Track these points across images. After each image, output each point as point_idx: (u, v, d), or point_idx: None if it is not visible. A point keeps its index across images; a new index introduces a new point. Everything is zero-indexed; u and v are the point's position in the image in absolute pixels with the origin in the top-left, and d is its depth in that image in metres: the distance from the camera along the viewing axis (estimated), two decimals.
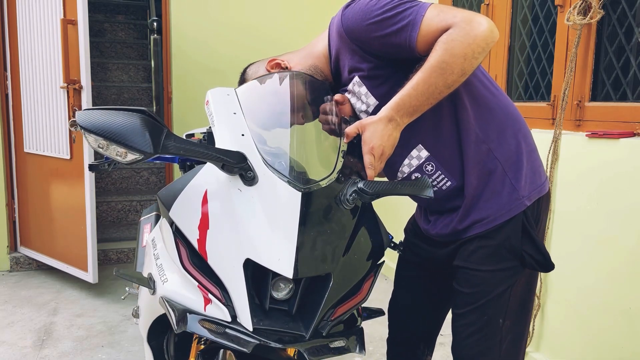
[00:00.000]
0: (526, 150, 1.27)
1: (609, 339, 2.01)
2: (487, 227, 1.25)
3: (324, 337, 1.00)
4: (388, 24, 1.13)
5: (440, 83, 1.11)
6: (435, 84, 1.11)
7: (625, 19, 2.06)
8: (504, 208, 1.24)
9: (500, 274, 1.27)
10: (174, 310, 1.00)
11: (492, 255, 1.26)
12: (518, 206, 1.24)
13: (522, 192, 1.25)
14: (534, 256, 1.26)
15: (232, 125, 1.11)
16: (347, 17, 1.19)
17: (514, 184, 1.25)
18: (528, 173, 1.27)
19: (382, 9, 1.14)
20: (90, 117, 0.90)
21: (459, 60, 1.10)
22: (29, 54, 3.30)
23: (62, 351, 2.53)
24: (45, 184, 3.37)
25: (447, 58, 1.09)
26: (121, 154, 0.92)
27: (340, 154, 1.15)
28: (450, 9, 1.14)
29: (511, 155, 1.25)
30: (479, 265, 1.27)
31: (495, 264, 1.26)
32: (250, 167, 1.02)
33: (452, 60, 1.09)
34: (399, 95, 1.14)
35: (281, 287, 1.01)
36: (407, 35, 1.12)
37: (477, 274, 1.27)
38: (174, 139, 0.95)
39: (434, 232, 1.36)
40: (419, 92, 1.12)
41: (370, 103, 1.25)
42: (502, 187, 1.25)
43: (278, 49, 3.94)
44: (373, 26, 1.15)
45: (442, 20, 1.11)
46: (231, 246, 0.98)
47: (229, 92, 1.20)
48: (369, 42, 1.18)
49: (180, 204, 1.05)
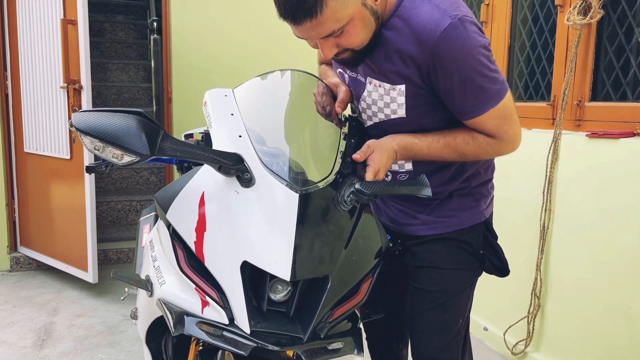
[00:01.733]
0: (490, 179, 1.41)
1: (608, 339, 2.01)
2: (451, 230, 1.33)
3: (321, 339, 1.00)
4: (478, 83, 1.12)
5: (446, 157, 1.23)
6: (445, 157, 1.23)
7: (625, 19, 2.05)
8: (467, 215, 1.34)
9: (462, 273, 1.35)
10: (172, 313, 1.00)
11: (456, 255, 1.33)
12: (479, 216, 1.35)
13: (482, 205, 1.36)
14: (494, 262, 1.36)
15: (230, 126, 1.11)
16: (448, 40, 1.08)
17: (479, 199, 1.36)
18: (488, 196, 1.41)
19: (486, 67, 1.12)
20: (86, 119, 0.90)
21: (474, 158, 1.25)
22: (29, 54, 3.29)
23: (62, 351, 2.53)
24: (45, 184, 3.37)
25: (470, 155, 1.22)
26: (117, 156, 0.91)
27: (339, 155, 1.15)
28: (510, 115, 1.19)
29: (481, 182, 1.37)
30: (443, 264, 1.33)
31: (458, 264, 1.34)
32: (247, 168, 1.01)
33: (472, 157, 1.24)
34: (412, 139, 1.21)
35: (279, 289, 1.00)
36: (471, 107, 1.16)
37: (441, 272, 1.33)
38: (170, 141, 0.94)
39: (401, 221, 1.39)
40: (429, 152, 1.21)
41: (398, 112, 1.22)
42: (467, 200, 1.35)
43: (278, 48, 3.97)
44: (466, 72, 1.11)
45: (496, 126, 1.18)
46: (228, 248, 0.98)
47: (226, 93, 1.20)
48: (446, 76, 1.12)
49: (177, 206, 1.05)
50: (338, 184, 1.08)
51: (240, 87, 1.25)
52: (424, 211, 1.34)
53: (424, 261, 1.35)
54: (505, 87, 1.16)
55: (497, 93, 1.14)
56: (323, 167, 1.11)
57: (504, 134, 1.19)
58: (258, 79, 1.28)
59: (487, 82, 1.12)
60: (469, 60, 1.09)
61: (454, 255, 1.34)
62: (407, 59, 1.14)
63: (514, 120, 1.20)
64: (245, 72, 3.82)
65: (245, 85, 1.26)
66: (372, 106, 1.26)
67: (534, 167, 2.30)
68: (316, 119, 1.27)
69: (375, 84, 1.22)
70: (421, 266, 1.35)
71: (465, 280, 1.36)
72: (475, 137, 1.20)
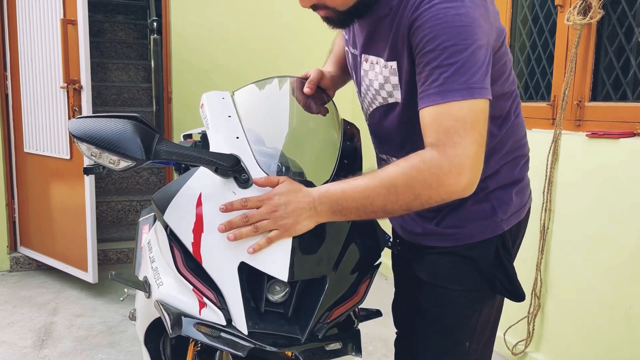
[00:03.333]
0: (515, 182, 1.19)
1: (608, 339, 2.00)
2: (457, 244, 1.17)
3: (320, 339, 0.99)
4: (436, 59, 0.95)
5: (378, 204, 0.95)
6: (372, 201, 0.95)
7: (625, 19, 2.05)
8: (478, 227, 1.16)
9: (469, 295, 1.19)
10: (169, 314, 1.00)
11: (462, 274, 1.18)
12: (494, 229, 1.16)
13: (500, 215, 1.16)
14: (505, 285, 1.17)
15: (227, 128, 1.11)
16: (427, 15, 0.96)
17: (496, 208, 1.16)
18: (509, 203, 1.18)
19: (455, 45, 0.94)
20: (82, 126, 0.90)
21: (409, 197, 0.94)
22: (29, 54, 3.29)
23: (62, 351, 2.53)
24: (45, 184, 3.37)
25: (401, 187, 0.94)
26: (114, 162, 0.92)
27: (338, 155, 1.15)
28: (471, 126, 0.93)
29: (502, 185, 1.17)
30: (448, 282, 1.19)
31: (464, 284, 1.19)
32: (244, 169, 1.01)
33: (403, 191, 0.94)
34: (332, 185, 0.98)
35: (277, 289, 1.00)
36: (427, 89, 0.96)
37: (444, 292, 1.19)
38: (166, 144, 0.95)
39: (409, 228, 1.26)
40: (354, 196, 0.96)
41: (394, 95, 1.10)
42: (481, 207, 1.16)
43: (278, 48, 3.97)
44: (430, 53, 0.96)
45: (444, 130, 0.93)
46: (226, 249, 0.98)
47: (224, 95, 1.20)
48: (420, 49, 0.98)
49: (175, 207, 1.04)
50: None
51: (237, 91, 1.26)
52: (433, 219, 1.19)
53: (429, 276, 1.22)
54: (482, 92, 0.96)
55: (469, 88, 0.94)
56: (321, 168, 1.11)
57: (448, 145, 0.92)
58: (256, 84, 1.29)
59: (460, 68, 0.94)
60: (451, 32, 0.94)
61: (459, 273, 1.18)
62: (400, 32, 1.03)
63: (472, 136, 0.93)
64: (245, 72, 3.84)
65: (243, 89, 1.27)
66: (370, 89, 1.16)
67: (534, 167, 2.29)
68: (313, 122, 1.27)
69: (371, 60, 1.12)
70: (427, 282, 1.22)
71: (473, 303, 1.19)
72: (407, 161, 0.95)
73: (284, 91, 1.33)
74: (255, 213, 0.96)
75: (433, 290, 1.21)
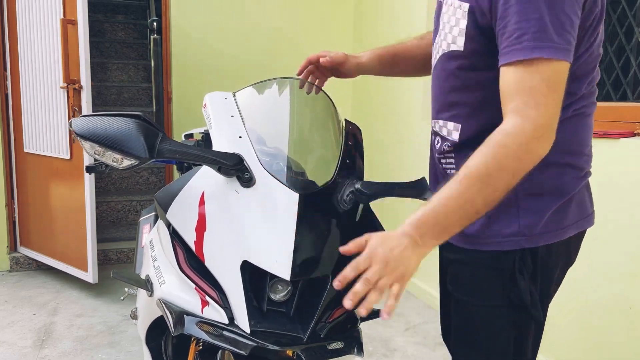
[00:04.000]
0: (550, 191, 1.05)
1: (609, 339, 2.01)
2: (480, 248, 1.07)
3: (322, 339, 1.00)
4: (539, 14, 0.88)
5: (479, 201, 0.88)
6: (473, 202, 0.88)
7: (625, 19, 2.05)
8: (499, 235, 1.04)
9: (494, 311, 1.07)
10: (171, 313, 1.00)
11: (483, 286, 1.08)
12: (520, 241, 1.04)
13: (522, 229, 1.03)
14: (514, 301, 1.05)
15: (230, 127, 1.11)
16: None
17: (520, 214, 1.04)
18: (541, 215, 1.04)
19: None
20: (86, 124, 0.91)
21: (507, 178, 0.88)
22: (29, 54, 3.29)
23: (62, 351, 2.53)
24: (45, 184, 3.37)
25: (495, 173, 0.88)
26: (117, 160, 0.92)
27: (340, 155, 1.15)
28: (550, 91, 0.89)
29: (531, 193, 1.03)
30: (469, 295, 1.10)
31: (486, 298, 1.08)
32: (247, 168, 1.01)
33: (499, 175, 0.88)
34: (420, 212, 0.90)
35: (279, 288, 1.00)
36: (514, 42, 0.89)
37: (466, 305, 1.11)
38: (170, 143, 0.95)
39: None
40: (451, 208, 0.89)
41: (457, 42, 1.02)
42: (505, 213, 1.03)
43: (278, 48, 3.97)
44: None
45: (524, 88, 0.88)
46: (228, 248, 0.98)
47: (226, 96, 1.21)
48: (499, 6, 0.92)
49: (177, 206, 1.05)
50: (338, 184, 1.08)
51: (240, 92, 1.26)
52: None
53: (452, 285, 1.14)
54: (567, 54, 0.89)
55: (556, 48, 0.88)
56: (323, 167, 1.12)
57: (530, 106, 0.88)
58: (258, 85, 1.29)
59: (547, 25, 0.87)
60: None
61: (481, 284, 1.07)
62: None
63: (553, 98, 0.89)
64: (246, 72, 3.85)
65: (245, 89, 1.27)
66: (440, 34, 1.07)
67: None
68: (316, 122, 1.28)
69: (449, 2, 1.04)
70: (453, 292, 1.14)
71: (501, 321, 1.06)
72: (488, 144, 0.90)
73: (285, 92, 1.33)
74: (372, 274, 0.86)
75: (458, 302, 1.13)
